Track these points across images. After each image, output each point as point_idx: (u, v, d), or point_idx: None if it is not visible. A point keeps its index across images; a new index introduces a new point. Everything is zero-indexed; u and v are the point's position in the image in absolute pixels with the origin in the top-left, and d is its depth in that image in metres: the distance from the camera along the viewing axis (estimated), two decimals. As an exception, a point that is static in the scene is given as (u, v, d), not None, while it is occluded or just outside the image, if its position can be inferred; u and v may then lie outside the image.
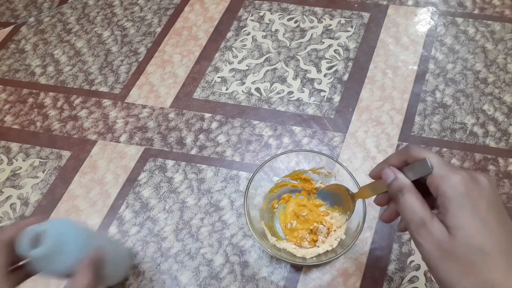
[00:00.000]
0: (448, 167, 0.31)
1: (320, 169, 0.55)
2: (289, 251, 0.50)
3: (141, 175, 0.61)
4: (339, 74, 0.69)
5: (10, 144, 0.66)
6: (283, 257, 0.48)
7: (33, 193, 0.61)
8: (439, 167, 0.31)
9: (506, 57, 0.69)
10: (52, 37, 0.79)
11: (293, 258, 0.49)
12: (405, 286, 0.51)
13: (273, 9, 0.78)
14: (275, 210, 0.55)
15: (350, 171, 0.52)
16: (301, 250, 0.51)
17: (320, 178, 0.55)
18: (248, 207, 0.50)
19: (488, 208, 0.29)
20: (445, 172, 0.31)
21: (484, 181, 0.31)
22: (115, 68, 0.73)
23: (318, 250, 0.50)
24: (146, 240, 0.56)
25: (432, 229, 0.30)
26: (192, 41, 0.75)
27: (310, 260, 0.49)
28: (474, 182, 0.30)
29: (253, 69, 0.70)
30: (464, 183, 0.30)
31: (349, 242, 0.48)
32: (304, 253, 0.50)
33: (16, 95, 0.71)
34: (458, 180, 0.30)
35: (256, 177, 0.52)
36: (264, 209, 0.54)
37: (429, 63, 0.69)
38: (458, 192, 0.30)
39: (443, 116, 0.63)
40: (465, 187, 0.30)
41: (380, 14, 0.76)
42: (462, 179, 0.30)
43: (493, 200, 0.30)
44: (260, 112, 0.66)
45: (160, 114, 0.67)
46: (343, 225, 0.51)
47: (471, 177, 0.30)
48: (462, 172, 0.30)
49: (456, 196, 0.29)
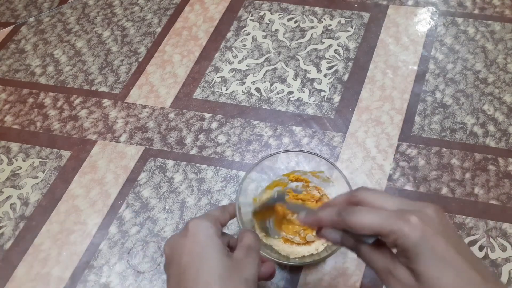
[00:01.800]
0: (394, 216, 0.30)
1: (319, 172, 0.54)
2: (274, 248, 0.50)
3: (141, 175, 0.61)
4: (339, 74, 0.69)
5: (10, 144, 0.66)
6: (266, 252, 0.47)
7: (33, 193, 0.61)
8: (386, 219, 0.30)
9: (506, 57, 0.69)
10: (52, 37, 0.79)
11: (277, 256, 0.48)
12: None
13: (273, 9, 0.78)
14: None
15: (348, 180, 0.51)
16: (287, 249, 0.50)
17: (318, 181, 0.54)
18: (239, 202, 0.49)
19: (445, 243, 0.29)
20: (394, 225, 0.30)
21: (432, 215, 0.30)
22: (115, 68, 0.73)
23: (305, 250, 0.50)
24: (146, 240, 0.56)
25: (399, 277, 0.30)
26: (192, 41, 0.75)
27: (292, 260, 0.49)
28: (424, 222, 0.29)
29: (253, 69, 0.70)
30: (417, 229, 0.29)
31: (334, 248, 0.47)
32: (289, 252, 0.50)
33: (16, 95, 0.71)
34: (410, 229, 0.29)
35: (253, 173, 0.52)
36: (257, 202, 0.53)
37: (429, 63, 0.69)
38: (413, 241, 0.29)
39: (443, 116, 0.63)
40: (419, 233, 0.29)
41: (380, 14, 0.76)
42: (413, 226, 0.29)
43: (447, 233, 0.30)
44: (260, 112, 0.66)
45: (160, 114, 0.67)
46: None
47: (420, 218, 0.29)
48: (410, 216, 0.30)
49: (413, 245, 0.29)
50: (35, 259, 0.55)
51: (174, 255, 0.35)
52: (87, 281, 0.53)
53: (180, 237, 0.36)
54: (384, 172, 0.59)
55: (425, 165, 0.59)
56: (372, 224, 0.31)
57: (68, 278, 0.53)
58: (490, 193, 0.56)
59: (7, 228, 0.58)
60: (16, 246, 0.56)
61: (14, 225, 0.58)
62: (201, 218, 0.37)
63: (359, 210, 0.32)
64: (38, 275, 0.54)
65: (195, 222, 0.36)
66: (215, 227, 0.37)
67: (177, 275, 0.34)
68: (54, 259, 0.55)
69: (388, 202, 0.32)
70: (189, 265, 0.34)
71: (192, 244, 0.35)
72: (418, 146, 0.61)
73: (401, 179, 0.58)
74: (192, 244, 0.35)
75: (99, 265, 0.54)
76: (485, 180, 0.57)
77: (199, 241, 0.35)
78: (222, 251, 0.35)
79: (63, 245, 0.56)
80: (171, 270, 0.35)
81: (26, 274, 0.54)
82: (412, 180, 0.58)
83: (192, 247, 0.35)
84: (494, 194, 0.56)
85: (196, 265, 0.34)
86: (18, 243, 0.57)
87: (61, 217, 0.58)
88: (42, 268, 0.54)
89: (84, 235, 0.56)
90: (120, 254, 0.55)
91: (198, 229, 0.36)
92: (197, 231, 0.36)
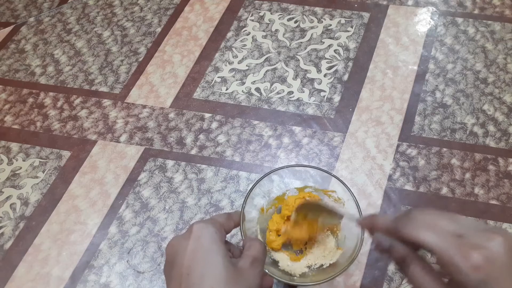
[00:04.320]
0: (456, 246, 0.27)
1: (332, 192, 0.52)
2: (275, 260, 0.49)
3: (141, 175, 0.61)
4: (339, 74, 0.69)
5: (10, 144, 0.66)
6: (272, 271, 0.45)
7: (33, 193, 0.61)
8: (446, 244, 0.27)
9: (506, 57, 0.69)
10: (52, 37, 0.79)
11: (272, 269, 0.46)
12: (405, 286, 0.51)
13: (273, 9, 0.78)
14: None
15: (358, 204, 0.49)
16: (287, 262, 0.49)
17: (328, 200, 0.52)
18: (244, 209, 0.48)
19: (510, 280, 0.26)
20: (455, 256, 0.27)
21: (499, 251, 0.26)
22: (115, 68, 0.73)
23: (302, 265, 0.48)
24: (146, 240, 0.56)
25: None
26: (192, 41, 0.75)
27: (299, 280, 0.46)
28: (489, 263, 0.26)
29: (253, 69, 0.70)
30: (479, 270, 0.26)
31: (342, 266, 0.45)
32: (293, 268, 0.48)
33: (16, 95, 0.71)
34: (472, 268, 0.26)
35: (263, 182, 0.50)
36: (264, 213, 0.52)
37: (429, 63, 0.69)
38: (473, 283, 0.26)
39: (443, 116, 0.63)
40: (481, 275, 0.26)
41: (380, 14, 0.76)
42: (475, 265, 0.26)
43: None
44: (260, 112, 0.66)
45: (160, 114, 0.67)
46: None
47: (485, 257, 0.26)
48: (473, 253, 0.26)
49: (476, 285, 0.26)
50: (35, 259, 0.55)
51: (177, 256, 0.34)
52: (87, 281, 0.53)
53: (183, 239, 0.35)
54: (384, 172, 0.59)
55: (425, 165, 0.59)
56: (431, 242, 0.28)
57: (68, 278, 0.53)
58: (490, 193, 0.56)
59: (7, 228, 0.58)
60: (16, 246, 0.56)
61: (14, 225, 0.58)
62: (206, 222, 0.36)
63: (419, 223, 0.29)
64: (38, 275, 0.54)
65: (200, 226, 0.35)
66: (220, 233, 0.36)
67: (179, 278, 0.33)
68: (54, 259, 0.55)
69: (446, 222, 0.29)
70: (192, 268, 0.33)
71: (196, 247, 0.34)
72: (418, 146, 0.61)
73: (401, 179, 0.58)
74: (196, 247, 0.34)
75: (99, 265, 0.54)
76: (485, 180, 0.57)
77: (203, 245, 0.34)
78: (226, 257, 0.34)
79: (63, 245, 0.56)
80: (172, 271, 0.34)
81: (26, 274, 0.54)
82: (412, 180, 0.58)
83: (196, 250, 0.33)
84: (494, 194, 0.56)
85: (200, 269, 0.33)
86: (18, 243, 0.57)
87: (61, 217, 0.58)
88: (42, 268, 0.54)
89: (84, 235, 0.56)
90: (120, 254, 0.55)
91: (203, 233, 0.35)
92: (202, 234, 0.35)
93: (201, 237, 0.34)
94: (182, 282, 0.33)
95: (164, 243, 0.55)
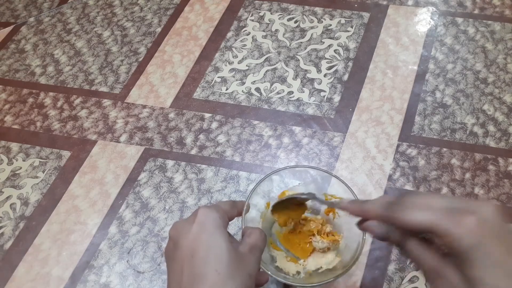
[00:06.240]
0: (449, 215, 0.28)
1: (338, 198, 0.50)
2: (279, 266, 0.48)
3: (141, 175, 0.61)
4: (339, 74, 0.69)
5: (10, 144, 0.66)
6: (271, 271, 0.45)
7: (33, 193, 0.61)
8: (440, 217, 0.28)
9: (506, 57, 0.69)
10: (52, 37, 0.79)
11: (267, 266, 0.46)
12: (405, 286, 0.51)
13: (273, 9, 0.78)
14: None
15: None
16: (284, 261, 0.48)
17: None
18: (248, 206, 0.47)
19: (504, 248, 0.27)
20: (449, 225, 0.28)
21: (490, 216, 0.28)
22: (115, 68, 0.73)
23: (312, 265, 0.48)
24: (146, 240, 0.56)
25: (448, 279, 0.29)
26: (192, 41, 0.75)
27: (299, 281, 0.46)
28: (481, 225, 0.27)
29: (253, 69, 0.70)
30: (473, 232, 0.27)
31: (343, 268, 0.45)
32: (293, 269, 0.48)
33: (16, 95, 0.71)
34: (466, 232, 0.27)
35: (264, 183, 0.50)
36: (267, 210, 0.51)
37: (429, 63, 0.69)
38: (469, 245, 0.27)
39: (443, 116, 0.63)
40: (475, 237, 0.27)
41: (380, 14, 0.76)
42: (469, 229, 0.27)
43: (505, 236, 0.28)
44: (260, 112, 0.66)
45: (160, 114, 0.67)
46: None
47: (477, 220, 0.27)
48: (466, 217, 0.27)
49: (469, 249, 0.27)
50: (35, 259, 0.55)
51: (180, 238, 0.35)
52: (87, 281, 0.53)
53: (187, 222, 0.36)
54: (384, 172, 0.59)
55: (425, 165, 0.59)
56: (424, 221, 0.29)
57: (68, 278, 0.53)
58: (490, 193, 0.56)
59: (7, 228, 0.58)
60: (16, 246, 0.56)
61: (14, 225, 0.58)
62: (210, 208, 0.37)
63: (411, 205, 0.30)
64: (38, 275, 0.54)
65: (204, 211, 0.36)
66: (223, 220, 0.37)
67: (182, 259, 0.33)
68: (54, 259, 0.55)
69: (437, 200, 0.30)
70: (196, 251, 0.33)
71: (200, 230, 0.34)
72: (418, 146, 0.61)
73: (401, 179, 0.58)
74: (200, 230, 0.34)
75: (99, 265, 0.54)
76: (485, 180, 0.57)
77: (207, 229, 0.35)
78: (229, 242, 0.34)
79: (63, 245, 0.56)
80: (176, 253, 0.35)
81: (26, 274, 0.54)
82: (412, 180, 0.58)
83: (200, 234, 0.34)
84: (494, 194, 0.56)
85: (203, 252, 0.33)
86: (18, 243, 0.57)
87: (61, 217, 0.58)
88: (42, 268, 0.54)
89: (84, 235, 0.56)
90: (120, 254, 0.55)
91: (207, 218, 0.35)
92: (206, 219, 0.35)
93: (205, 222, 0.35)
94: (185, 263, 0.33)
95: (164, 243, 0.55)
